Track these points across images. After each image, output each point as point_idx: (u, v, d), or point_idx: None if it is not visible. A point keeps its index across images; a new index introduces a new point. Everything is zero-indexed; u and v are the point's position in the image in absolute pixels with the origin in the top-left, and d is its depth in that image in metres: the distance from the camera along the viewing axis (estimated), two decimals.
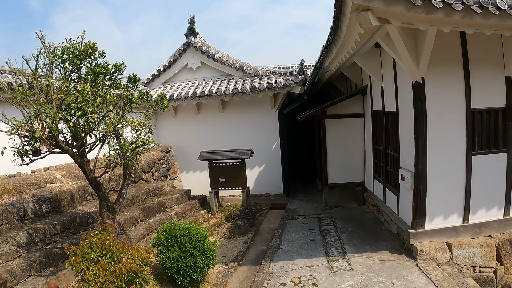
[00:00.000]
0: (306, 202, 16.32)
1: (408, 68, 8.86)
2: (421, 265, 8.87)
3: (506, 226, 10.15)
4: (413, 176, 9.54)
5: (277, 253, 10.42)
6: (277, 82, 16.18)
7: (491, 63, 9.59)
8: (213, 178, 14.87)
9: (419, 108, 9.08)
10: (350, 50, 9.65)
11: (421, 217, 9.47)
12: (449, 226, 9.65)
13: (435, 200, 9.48)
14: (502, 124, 9.81)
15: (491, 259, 9.63)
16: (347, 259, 9.55)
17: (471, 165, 9.51)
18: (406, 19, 7.05)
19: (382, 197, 12.43)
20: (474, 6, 6.90)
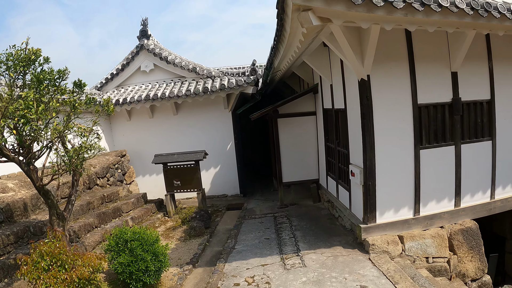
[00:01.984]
0: (262, 201, 16.37)
1: (353, 66, 9.01)
2: (373, 259, 9.02)
3: (457, 217, 10.46)
4: (362, 172, 9.67)
5: (232, 253, 10.40)
6: (230, 83, 16.21)
7: (437, 59, 9.86)
8: (168, 181, 14.72)
9: (365, 105, 9.23)
10: (296, 50, 9.77)
11: (372, 212, 9.64)
12: (401, 219, 9.87)
13: (385, 194, 9.67)
14: (449, 118, 10.10)
15: (443, 250, 9.89)
16: (300, 256, 9.62)
17: (419, 159, 9.76)
18: (347, 18, 7.18)
19: (335, 194, 12.60)
20: (416, 3, 7.06)
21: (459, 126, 10.17)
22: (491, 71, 10.66)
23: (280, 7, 7.35)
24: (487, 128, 10.75)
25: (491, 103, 10.72)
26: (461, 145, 10.27)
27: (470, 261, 10.17)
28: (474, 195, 10.72)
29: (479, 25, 8.41)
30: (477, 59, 10.47)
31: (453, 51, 9.83)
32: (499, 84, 10.79)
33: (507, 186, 11.33)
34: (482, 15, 7.81)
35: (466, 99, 10.28)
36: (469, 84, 10.30)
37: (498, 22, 8.32)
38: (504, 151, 11.05)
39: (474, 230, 10.37)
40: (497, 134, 10.83)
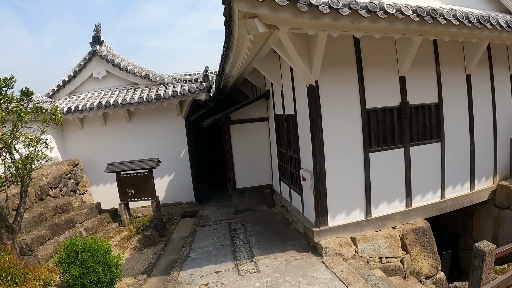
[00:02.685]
0: (217, 208, 16.30)
1: (301, 72, 9.07)
2: (326, 262, 9.08)
3: (409, 217, 10.71)
4: (312, 176, 9.75)
5: (187, 261, 10.28)
6: (182, 90, 16.07)
7: (385, 64, 10.07)
8: (122, 190, 14.45)
9: (314, 110, 9.30)
10: (245, 56, 9.76)
11: (323, 215, 9.71)
12: (353, 222, 10.00)
13: (336, 197, 9.77)
14: (398, 122, 10.32)
15: (396, 249, 10.08)
16: (254, 261, 9.60)
17: (369, 162, 9.92)
18: (294, 24, 7.22)
19: (288, 198, 12.67)
20: (362, 10, 7.17)
21: (407, 129, 10.41)
22: (438, 75, 10.96)
23: (227, 14, 7.32)
24: (435, 130, 11.04)
25: (439, 106, 11.02)
26: (410, 148, 10.50)
27: (423, 259, 10.38)
28: (425, 195, 10.99)
29: (425, 31, 8.61)
30: (425, 64, 10.76)
31: (400, 56, 10.05)
32: (446, 87, 11.11)
33: (457, 186, 11.67)
34: (428, 21, 8.01)
35: (415, 103, 10.53)
36: (417, 88, 10.57)
37: (444, 28, 8.56)
38: (452, 152, 11.37)
39: (426, 229, 10.61)
40: (446, 136, 11.14)
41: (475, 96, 11.84)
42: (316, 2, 6.67)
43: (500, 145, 12.79)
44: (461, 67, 11.55)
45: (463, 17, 8.64)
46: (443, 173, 11.23)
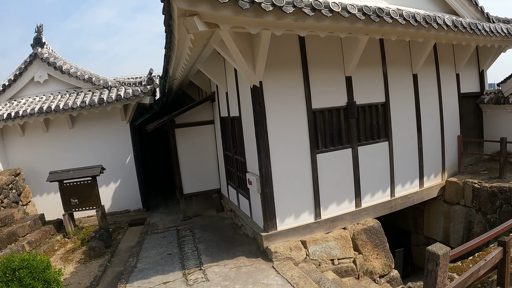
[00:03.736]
0: (166, 215, 15.84)
1: (244, 72, 8.79)
2: (277, 267, 8.85)
3: (360, 217, 10.67)
4: (258, 179, 9.51)
5: (134, 273, 9.84)
6: (126, 93, 15.49)
7: (331, 64, 9.96)
8: (65, 200, 13.80)
9: (258, 112, 9.05)
10: (187, 57, 9.44)
11: (271, 219, 9.49)
12: (302, 224, 9.83)
13: (284, 201, 9.58)
14: (345, 122, 10.25)
15: (348, 250, 9.98)
16: (203, 270, 9.28)
17: (316, 163, 9.78)
18: (235, 23, 6.90)
19: (236, 202, 12.41)
20: (306, 8, 6.95)
21: (355, 129, 10.34)
22: (385, 75, 10.97)
23: (166, 13, 6.94)
24: (383, 129, 11.05)
25: (386, 106, 11.03)
26: (358, 147, 10.44)
27: (376, 259, 10.34)
28: (374, 195, 10.97)
29: (371, 30, 8.52)
30: (371, 64, 10.75)
31: (347, 56, 9.95)
32: (393, 87, 11.16)
33: (406, 184, 11.73)
34: (374, 20, 7.91)
35: (362, 103, 10.49)
36: (364, 88, 10.53)
37: (391, 27, 8.51)
38: (401, 151, 11.41)
39: (377, 228, 10.58)
40: (393, 135, 11.16)
41: (422, 95, 11.96)
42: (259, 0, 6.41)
43: (447, 143, 12.97)
44: (408, 67, 11.64)
45: (409, 17, 8.63)
46: (392, 172, 11.24)
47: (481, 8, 12.26)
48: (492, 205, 11.60)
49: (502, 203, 11.31)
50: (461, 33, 10.40)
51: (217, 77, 11.65)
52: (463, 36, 10.73)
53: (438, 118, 12.70)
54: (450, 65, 13.29)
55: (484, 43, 12.01)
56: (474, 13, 12.32)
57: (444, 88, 12.85)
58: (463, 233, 12.40)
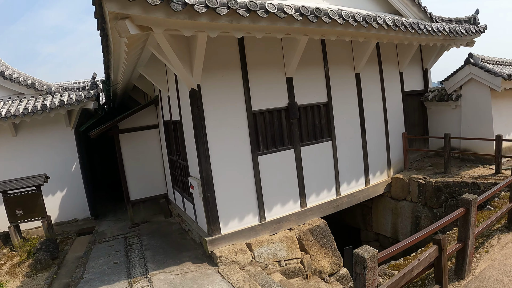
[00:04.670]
0: (114, 222, 15.49)
1: (181, 75, 8.68)
2: (222, 271, 8.77)
3: (305, 217, 10.67)
4: (200, 183, 9.39)
5: (80, 284, 9.59)
6: (69, 99, 15.04)
7: (271, 65, 9.92)
8: (10, 211, 13.33)
9: (197, 115, 8.93)
10: (125, 61, 9.25)
11: (215, 223, 9.39)
12: (247, 227, 9.77)
13: (227, 204, 9.49)
14: (286, 123, 10.23)
15: (295, 251, 9.98)
16: (149, 278, 9.11)
17: (258, 165, 9.73)
18: (169, 25, 6.78)
19: (182, 207, 12.27)
20: (241, 10, 6.88)
21: (297, 129, 10.35)
22: (327, 75, 11.04)
23: (99, 16, 6.73)
24: (326, 129, 11.10)
25: (328, 105, 11.09)
26: (301, 148, 10.45)
27: (324, 258, 10.37)
28: (320, 194, 11.01)
29: (310, 30, 8.51)
30: (313, 64, 10.79)
31: (287, 57, 9.94)
32: (336, 87, 11.24)
33: (352, 182, 11.83)
34: (312, 20, 7.92)
35: (303, 103, 10.51)
36: (305, 88, 10.55)
37: (330, 28, 8.55)
38: (344, 149, 11.50)
39: (323, 228, 10.63)
40: (337, 134, 11.25)
41: (366, 94, 12.10)
42: (192, 1, 6.34)
43: (392, 140, 13.17)
44: (350, 66, 11.75)
45: (348, 17, 8.67)
46: (336, 171, 11.31)
47: (424, 8, 12.52)
48: (437, 199, 11.86)
49: (448, 197, 11.57)
50: (403, 33, 10.56)
51: (158, 81, 11.45)
52: (405, 36, 10.90)
53: (382, 116, 12.89)
54: (394, 64, 13.51)
55: (427, 42, 12.24)
56: (417, 13, 12.57)
57: (387, 87, 13.04)
58: (411, 228, 12.64)
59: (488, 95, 12.95)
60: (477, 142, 13.24)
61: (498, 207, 9.08)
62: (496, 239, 7.71)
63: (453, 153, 13.58)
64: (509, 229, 7.99)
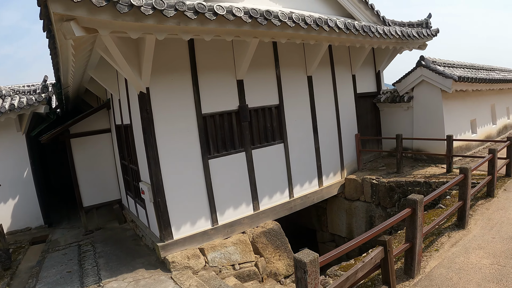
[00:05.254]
0: (68, 230, 15.08)
1: (130, 79, 8.54)
2: (175, 277, 8.67)
3: (258, 220, 10.66)
4: (150, 188, 9.26)
5: None
6: (20, 103, 14.58)
7: (221, 68, 9.87)
8: None
9: (146, 119, 8.80)
10: (73, 64, 9.05)
11: (166, 229, 9.27)
12: (199, 232, 9.68)
13: (178, 209, 9.39)
14: (237, 126, 10.20)
15: (249, 254, 9.96)
16: (101, 286, 8.92)
17: (208, 169, 9.67)
18: (115, 27, 6.66)
19: (136, 213, 12.08)
20: (189, 12, 6.83)
21: (248, 132, 10.34)
22: (279, 77, 11.07)
23: (45, 17, 6.50)
24: (278, 131, 11.13)
25: (280, 108, 11.13)
26: (252, 151, 10.46)
27: (279, 260, 10.40)
28: (272, 197, 11.03)
29: (259, 33, 8.50)
30: (264, 67, 10.80)
31: (238, 59, 9.93)
32: (287, 89, 11.30)
33: (305, 184, 11.89)
34: (261, 23, 7.92)
35: (254, 106, 10.52)
36: (256, 91, 10.57)
37: (280, 30, 8.56)
38: (297, 152, 11.56)
39: (277, 230, 10.65)
40: (289, 136, 11.29)
41: (318, 96, 12.20)
42: (138, 3, 6.26)
43: (345, 141, 13.32)
44: (302, 69, 11.82)
45: (299, 19, 8.71)
46: (289, 173, 11.36)
47: (377, 12, 12.72)
48: (390, 199, 12.05)
49: (400, 196, 11.77)
50: (354, 36, 10.69)
51: (109, 84, 11.21)
52: (357, 38, 11.04)
53: (334, 118, 13.03)
54: (346, 67, 13.67)
55: (379, 44, 12.45)
56: (370, 16, 12.77)
57: (340, 89, 13.19)
58: (366, 228, 12.82)
59: (439, 97, 13.22)
60: (429, 142, 13.53)
61: (449, 205, 9.29)
62: (446, 237, 7.83)
63: (406, 153, 13.84)
64: (459, 227, 8.13)
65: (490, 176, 9.66)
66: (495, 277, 6.07)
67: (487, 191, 9.86)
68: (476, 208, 9.10)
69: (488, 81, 15.32)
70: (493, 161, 9.68)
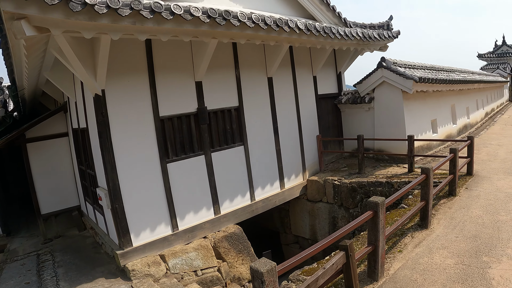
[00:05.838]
0: (27, 239, 14.55)
1: (85, 80, 8.28)
2: (135, 286, 8.43)
3: (219, 224, 10.50)
4: (107, 194, 8.94)
5: None
6: None
7: (180, 69, 9.68)
8: None
9: (101, 122, 8.51)
10: (26, 65, 8.69)
11: (125, 236, 8.99)
12: (159, 238, 9.43)
13: (137, 215, 9.11)
14: (196, 128, 10.03)
15: (211, 259, 9.78)
16: None
17: (167, 173, 9.45)
18: (68, 27, 6.42)
19: (95, 219, 11.71)
20: (145, 11, 6.67)
21: (207, 135, 10.18)
22: (238, 79, 10.96)
23: None
24: (238, 134, 11.02)
25: (240, 110, 11.02)
26: (212, 154, 10.30)
27: (242, 264, 10.27)
28: (233, 200, 10.90)
29: (218, 33, 8.38)
30: (224, 68, 10.67)
31: (196, 60, 9.76)
32: (247, 91, 11.19)
33: (266, 186, 11.81)
34: (220, 23, 7.81)
35: (213, 108, 10.37)
36: (216, 92, 10.42)
37: (239, 31, 8.46)
38: (258, 154, 11.46)
39: (239, 234, 10.53)
40: (249, 138, 11.19)
41: (278, 97, 12.15)
42: (92, 1, 6.05)
43: (307, 143, 13.31)
44: (262, 70, 11.75)
45: (259, 20, 8.63)
46: (250, 176, 11.26)
47: (338, 13, 12.76)
48: (353, 200, 12.09)
49: (363, 197, 11.83)
50: (315, 37, 10.69)
51: (64, 86, 10.81)
52: (317, 40, 11.05)
53: (295, 119, 13.01)
54: (307, 68, 13.67)
55: (340, 46, 12.47)
56: (332, 18, 12.80)
57: (301, 91, 13.18)
58: (329, 229, 12.82)
59: (400, 97, 13.35)
60: (391, 143, 13.66)
61: (411, 205, 9.36)
62: (409, 237, 7.82)
63: (367, 153, 13.93)
64: (422, 227, 8.15)
65: (451, 175, 9.77)
66: (460, 277, 6.07)
67: (449, 190, 9.96)
68: (439, 207, 9.16)
69: (448, 82, 15.60)
70: (455, 160, 9.80)
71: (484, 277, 5.96)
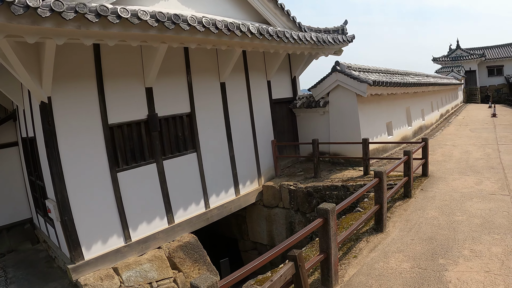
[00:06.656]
0: None
1: (30, 87, 7.96)
2: None
3: (174, 234, 10.27)
4: (56, 206, 8.57)
5: None
6: None
7: (130, 75, 9.45)
8: None
9: (48, 131, 8.16)
10: None
11: (76, 249, 8.61)
12: (112, 250, 9.11)
13: (87, 227, 8.76)
14: (146, 136, 9.81)
15: (166, 270, 9.55)
16: None
17: (117, 182, 9.17)
18: (10, 31, 6.17)
19: (46, 232, 11.20)
20: (90, 14, 6.48)
21: (158, 142, 9.98)
22: (190, 84, 10.81)
23: None
24: (190, 140, 10.86)
25: (192, 116, 10.87)
26: (164, 161, 10.10)
27: (198, 274, 10.08)
28: (187, 208, 10.70)
29: (167, 37, 8.25)
30: (175, 74, 10.49)
31: (146, 66, 9.55)
32: (199, 96, 11.05)
33: (221, 193, 11.67)
34: (169, 27, 7.67)
35: (165, 114, 10.17)
36: (167, 99, 10.23)
37: (189, 35, 8.34)
38: (211, 161, 11.32)
39: (194, 243, 10.35)
40: (201, 145, 11.06)
41: (231, 103, 12.05)
42: (35, 5, 5.80)
43: (261, 148, 13.24)
44: (215, 75, 11.64)
45: (209, 24, 8.54)
46: (204, 183, 11.09)
47: (293, 18, 12.78)
48: (309, 204, 12.08)
49: (319, 201, 11.82)
50: (268, 41, 10.66)
51: (12, 93, 10.39)
52: (270, 44, 11.00)
53: (249, 125, 12.95)
54: (261, 73, 13.61)
55: (294, 50, 12.48)
56: (286, 22, 12.80)
57: (255, 95, 13.12)
58: (287, 234, 12.77)
59: (354, 101, 13.45)
60: (346, 146, 13.72)
61: (367, 208, 9.37)
62: (364, 242, 7.73)
63: (323, 157, 13.96)
64: (378, 231, 8.11)
65: (406, 177, 9.87)
66: (417, 281, 6.01)
67: (404, 192, 10.06)
68: (394, 210, 9.20)
69: (403, 85, 15.84)
70: (409, 163, 9.90)
71: (441, 281, 5.92)
